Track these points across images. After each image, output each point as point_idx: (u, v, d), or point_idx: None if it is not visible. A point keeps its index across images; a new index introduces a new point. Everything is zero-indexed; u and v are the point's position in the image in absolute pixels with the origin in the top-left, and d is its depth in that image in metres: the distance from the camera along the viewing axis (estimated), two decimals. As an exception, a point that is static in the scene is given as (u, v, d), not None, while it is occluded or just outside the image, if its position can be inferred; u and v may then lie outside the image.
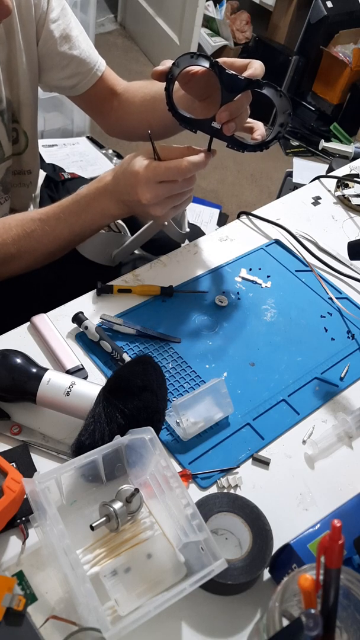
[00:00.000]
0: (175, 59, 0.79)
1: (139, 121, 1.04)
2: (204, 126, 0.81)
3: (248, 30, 3.18)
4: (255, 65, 0.79)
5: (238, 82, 0.76)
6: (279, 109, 0.80)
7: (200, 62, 0.79)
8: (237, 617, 0.61)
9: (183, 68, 0.80)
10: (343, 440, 0.78)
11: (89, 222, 0.87)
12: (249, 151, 0.83)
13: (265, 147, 0.83)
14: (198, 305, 0.91)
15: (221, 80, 0.77)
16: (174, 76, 0.80)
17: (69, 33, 0.96)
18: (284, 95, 0.79)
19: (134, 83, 1.07)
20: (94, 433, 0.65)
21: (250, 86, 0.77)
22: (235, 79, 0.76)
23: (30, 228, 0.86)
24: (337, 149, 2.40)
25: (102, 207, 0.85)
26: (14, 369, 0.71)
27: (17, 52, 0.92)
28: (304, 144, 2.95)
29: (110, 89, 1.05)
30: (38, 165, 1.13)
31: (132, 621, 0.52)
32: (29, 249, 0.87)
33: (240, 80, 0.76)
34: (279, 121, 0.81)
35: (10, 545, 0.63)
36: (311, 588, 0.46)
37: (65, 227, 0.86)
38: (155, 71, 0.82)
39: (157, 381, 0.70)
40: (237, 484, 0.71)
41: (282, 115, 0.81)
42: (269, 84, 0.78)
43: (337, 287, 0.98)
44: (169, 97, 0.81)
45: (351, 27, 2.91)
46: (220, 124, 0.79)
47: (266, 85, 0.78)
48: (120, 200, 0.84)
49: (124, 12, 3.43)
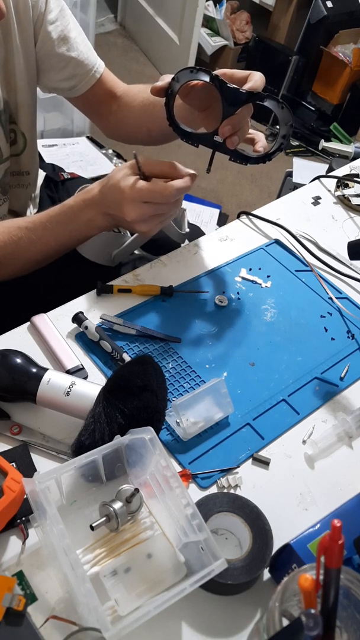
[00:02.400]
0: (174, 74, 0.79)
1: (137, 126, 1.04)
2: (205, 140, 0.82)
3: (248, 30, 3.18)
4: (255, 78, 0.79)
5: (239, 96, 0.77)
6: (280, 120, 0.80)
7: (200, 76, 0.78)
8: (237, 617, 0.61)
9: (183, 83, 0.80)
10: (343, 440, 0.78)
11: (76, 233, 0.88)
12: (252, 164, 0.83)
13: (268, 159, 0.83)
14: (198, 305, 0.91)
15: (222, 93, 0.77)
16: (174, 91, 0.80)
17: (67, 34, 0.96)
18: (286, 106, 0.79)
19: (134, 86, 1.07)
20: (94, 433, 0.65)
21: (251, 99, 0.77)
22: (237, 92, 0.76)
23: (17, 236, 0.86)
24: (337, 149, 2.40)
25: (88, 218, 0.86)
26: (14, 369, 0.71)
27: (15, 53, 0.91)
28: (304, 144, 2.95)
29: (109, 91, 1.05)
30: (37, 166, 1.13)
31: (132, 621, 0.52)
32: (14, 256, 0.87)
33: (242, 94, 0.76)
34: (281, 133, 0.81)
35: (10, 545, 0.63)
36: (311, 588, 0.46)
37: (51, 236, 0.87)
38: (155, 87, 0.81)
39: (157, 381, 0.70)
40: (237, 484, 0.71)
41: (284, 127, 0.80)
42: (270, 96, 0.78)
43: (337, 287, 0.98)
44: (169, 113, 0.81)
45: (351, 27, 2.91)
46: (223, 138, 0.80)
47: (268, 98, 0.78)
48: (106, 213, 0.85)
49: (124, 12, 3.43)
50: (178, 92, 0.81)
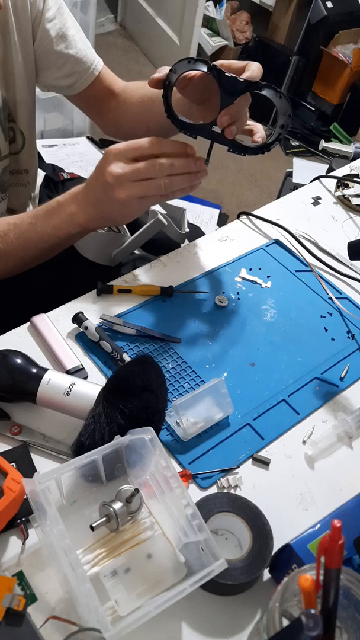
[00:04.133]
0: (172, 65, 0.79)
1: (136, 122, 1.04)
2: (204, 131, 0.81)
3: (248, 31, 3.18)
4: (253, 67, 0.79)
5: (237, 85, 0.76)
6: (279, 110, 0.80)
7: (198, 66, 0.78)
8: (237, 617, 0.61)
9: (180, 74, 0.80)
10: (343, 441, 0.78)
11: (57, 228, 0.85)
12: (250, 154, 0.83)
13: (267, 150, 0.83)
14: (198, 306, 0.91)
15: (220, 83, 0.77)
16: (171, 83, 0.80)
17: (65, 32, 0.96)
18: (284, 96, 0.78)
19: (132, 83, 1.07)
20: (94, 433, 0.65)
21: (249, 88, 0.77)
22: (235, 81, 0.76)
23: (3, 231, 0.85)
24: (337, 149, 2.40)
25: (70, 212, 0.84)
26: (14, 369, 0.71)
27: (13, 51, 0.92)
28: (304, 144, 2.95)
29: (107, 88, 1.05)
30: (36, 165, 1.13)
31: (132, 621, 0.51)
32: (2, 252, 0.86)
33: (240, 83, 0.76)
34: (279, 123, 0.80)
35: (10, 546, 0.63)
36: (311, 588, 0.46)
37: (33, 232, 0.85)
38: (152, 79, 0.81)
39: (157, 381, 0.70)
40: (237, 484, 0.71)
41: (282, 117, 0.80)
42: (268, 85, 0.77)
43: (337, 287, 0.98)
44: (167, 105, 0.81)
45: (351, 27, 2.91)
46: (222, 128, 0.79)
47: (266, 87, 0.77)
48: (88, 203, 0.83)
49: (124, 12, 3.43)
50: (175, 84, 0.81)
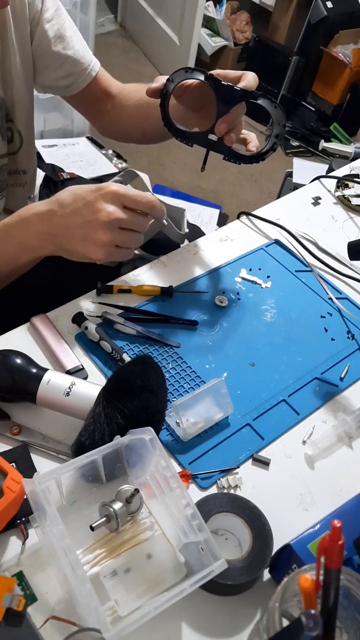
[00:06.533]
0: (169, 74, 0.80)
1: (132, 125, 1.05)
2: (200, 139, 0.83)
3: (248, 31, 3.18)
4: (248, 77, 0.80)
5: (234, 93, 0.78)
6: (274, 119, 0.82)
7: (195, 75, 0.80)
8: (237, 617, 0.61)
9: (177, 83, 0.81)
10: (343, 441, 0.78)
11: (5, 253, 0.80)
12: (245, 163, 0.85)
13: (262, 159, 0.85)
14: (198, 306, 0.91)
15: (217, 92, 0.78)
16: (168, 92, 0.81)
17: (63, 33, 0.97)
18: (279, 106, 0.81)
19: (129, 85, 1.07)
20: (94, 433, 0.65)
21: (245, 97, 0.79)
22: (231, 90, 0.78)
23: None
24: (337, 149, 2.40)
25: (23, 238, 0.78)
26: (14, 369, 0.71)
27: (11, 52, 0.92)
28: (304, 144, 2.95)
29: (104, 90, 1.06)
30: (34, 165, 1.13)
31: (132, 621, 0.51)
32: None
33: (236, 92, 0.78)
34: (274, 133, 0.82)
35: (10, 546, 0.63)
36: (311, 588, 0.46)
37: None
38: (150, 89, 0.82)
39: (157, 381, 0.70)
40: (237, 484, 0.71)
41: (277, 127, 0.82)
42: (264, 95, 0.79)
43: (337, 287, 0.98)
44: (164, 113, 0.82)
45: (351, 27, 2.91)
46: (219, 135, 0.81)
47: (261, 97, 0.79)
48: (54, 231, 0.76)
49: (124, 12, 3.43)
50: (172, 92, 0.82)
